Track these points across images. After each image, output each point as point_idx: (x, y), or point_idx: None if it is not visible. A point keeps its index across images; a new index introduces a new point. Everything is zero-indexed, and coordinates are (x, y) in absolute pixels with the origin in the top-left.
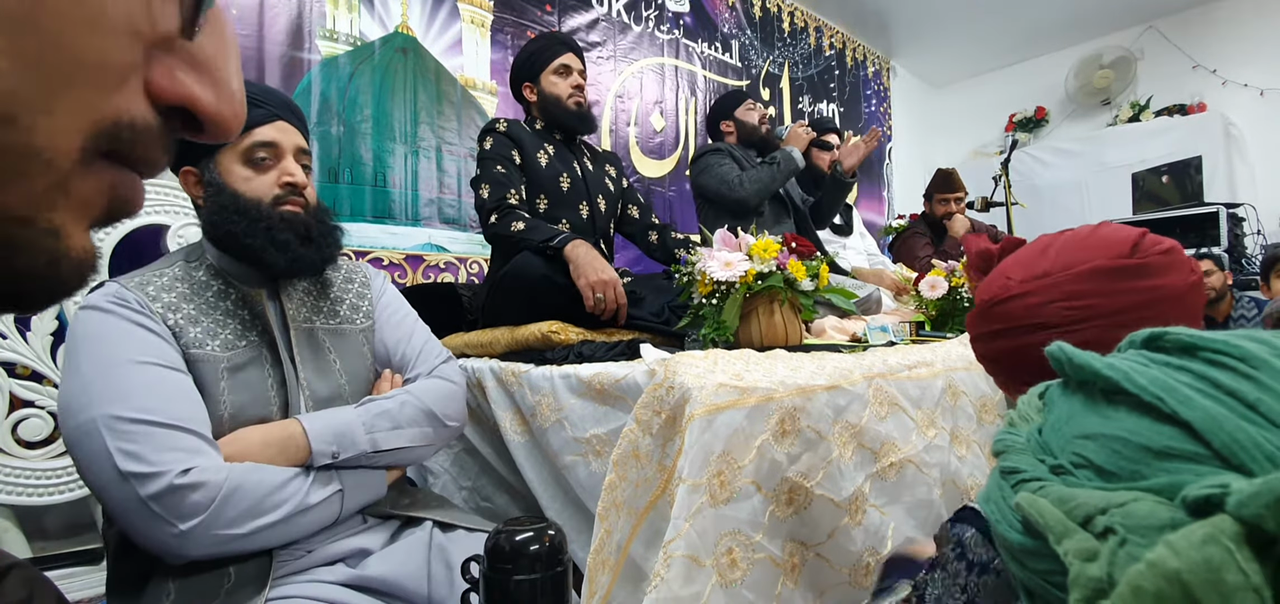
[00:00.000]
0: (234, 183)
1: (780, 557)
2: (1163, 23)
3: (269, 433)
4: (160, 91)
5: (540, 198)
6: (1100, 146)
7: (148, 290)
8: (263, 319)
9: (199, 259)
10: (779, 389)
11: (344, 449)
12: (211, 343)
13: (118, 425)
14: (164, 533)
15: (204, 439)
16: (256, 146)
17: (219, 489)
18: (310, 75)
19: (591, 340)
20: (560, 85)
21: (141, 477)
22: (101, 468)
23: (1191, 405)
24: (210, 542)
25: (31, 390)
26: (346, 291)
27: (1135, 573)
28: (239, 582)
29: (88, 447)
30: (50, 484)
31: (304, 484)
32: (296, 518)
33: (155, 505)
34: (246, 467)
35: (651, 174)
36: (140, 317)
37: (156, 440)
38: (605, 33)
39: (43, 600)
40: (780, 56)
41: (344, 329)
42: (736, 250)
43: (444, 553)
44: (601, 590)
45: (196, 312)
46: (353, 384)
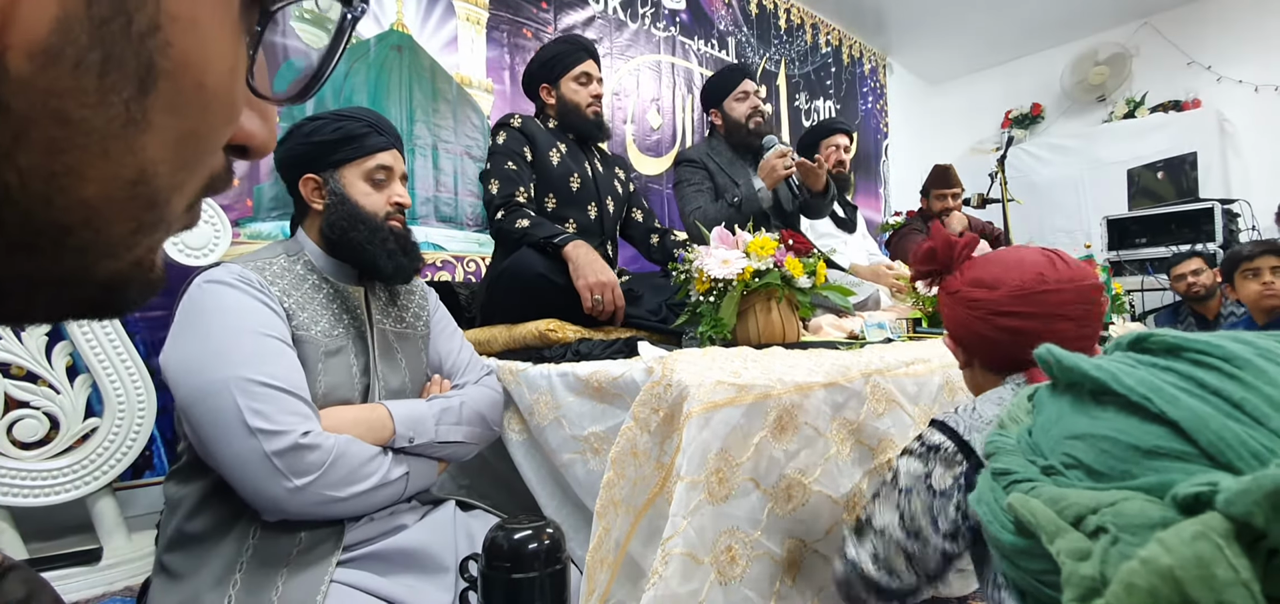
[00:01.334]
0: (356, 196)
1: (779, 554)
2: (1158, 19)
3: (360, 413)
4: (232, 138)
5: (549, 196)
6: (1096, 143)
7: (265, 274)
8: (356, 313)
9: (297, 254)
10: (777, 386)
11: (418, 436)
12: (314, 328)
13: (247, 386)
14: (279, 487)
15: (313, 409)
16: (377, 168)
17: (330, 453)
18: None
19: (589, 338)
20: (581, 93)
21: (269, 434)
22: (228, 423)
23: (1178, 405)
24: (315, 500)
25: (27, 391)
26: (410, 301)
27: (1128, 570)
28: (310, 544)
29: (215, 403)
30: (46, 485)
31: (386, 461)
32: (379, 490)
33: (278, 461)
34: (346, 438)
35: (648, 171)
36: (262, 295)
37: (281, 404)
38: (601, 29)
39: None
40: (777, 53)
41: (408, 333)
42: (734, 248)
43: (467, 528)
44: (600, 588)
45: (303, 297)
46: (413, 382)
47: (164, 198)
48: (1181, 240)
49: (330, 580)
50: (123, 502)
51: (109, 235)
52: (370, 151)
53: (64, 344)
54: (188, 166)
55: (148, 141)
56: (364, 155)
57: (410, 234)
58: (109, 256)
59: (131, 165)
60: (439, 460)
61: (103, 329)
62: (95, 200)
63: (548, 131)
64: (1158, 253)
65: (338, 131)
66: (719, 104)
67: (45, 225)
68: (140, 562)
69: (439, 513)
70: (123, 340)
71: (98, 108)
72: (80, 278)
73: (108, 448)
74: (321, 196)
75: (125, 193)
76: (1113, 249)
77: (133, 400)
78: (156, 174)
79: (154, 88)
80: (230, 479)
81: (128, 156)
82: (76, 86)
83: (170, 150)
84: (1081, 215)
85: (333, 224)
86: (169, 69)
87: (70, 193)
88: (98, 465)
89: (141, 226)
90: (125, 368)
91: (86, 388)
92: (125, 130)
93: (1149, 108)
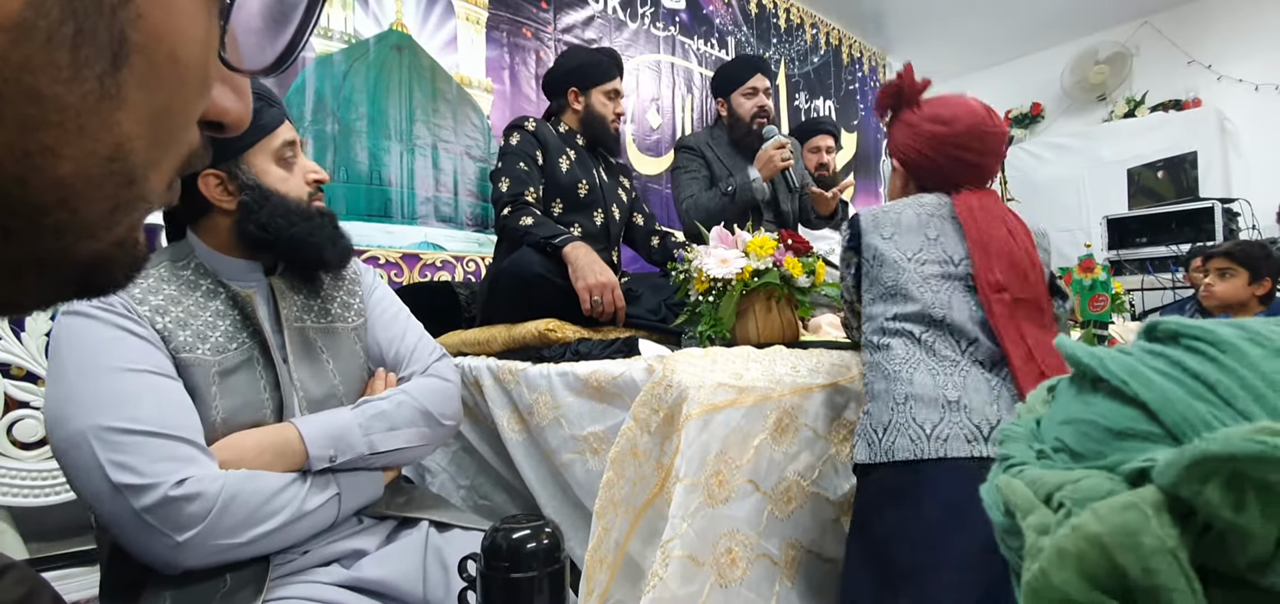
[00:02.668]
0: (272, 182)
1: (778, 556)
2: (1158, 18)
3: (264, 438)
4: (206, 113)
5: (556, 202)
6: (1096, 142)
7: (133, 292)
8: (254, 320)
9: (186, 258)
10: (776, 389)
11: (341, 452)
12: (202, 346)
13: (108, 436)
14: (160, 544)
15: (198, 447)
16: (284, 146)
17: (216, 499)
18: (304, 73)
19: (588, 338)
20: (608, 107)
21: (135, 488)
22: (92, 479)
23: (1151, 387)
24: (208, 552)
25: (26, 391)
26: (336, 289)
27: (1060, 537)
28: (235, 586)
29: (77, 458)
30: (46, 485)
31: (301, 490)
32: (294, 524)
33: (150, 517)
34: (242, 474)
35: (648, 171)
36: (127, 320)
37: (149, 451)
38: (601, 29)
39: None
40: (776, 53)
41: (335, 327)
42: (733, 247)
43: (440, 553)
44: (599, 588)
45: (186, 314)
46: (347, 384)
47: (141, 174)
48: (1182, 239)
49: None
50: None
51: (87, 215)
52: (271, 127)
53: None
54: (163, 142)
55: (123, 117)
56: (266, 133)
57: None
58: (88, 237)
59: (107, 142)
60: (384, 470)
61: None
62: (71, 178)
63: (559, 137)
64: (1158, 252)
65: None
66: (727, 95)
67: (20, 205)
68: None
69: (408, 537)
70: None
71: (71, 83)
72: (60, 260)
73: None
74: (229, 192)
75: (102, 170)
76: (1113, 248)
77: None
78: (133, 150)
79: (127, 62)
80: (114, 539)
81: (103, 133)
82: (49, 61)
83: (145, 126)
84: (1082, 214)
85: (257, 222)
86: (141, 42)
87: (45, 172)
88: None
89: (119, 205)
90: None
91: None
92: (100, 106)
93: (1149, 107)
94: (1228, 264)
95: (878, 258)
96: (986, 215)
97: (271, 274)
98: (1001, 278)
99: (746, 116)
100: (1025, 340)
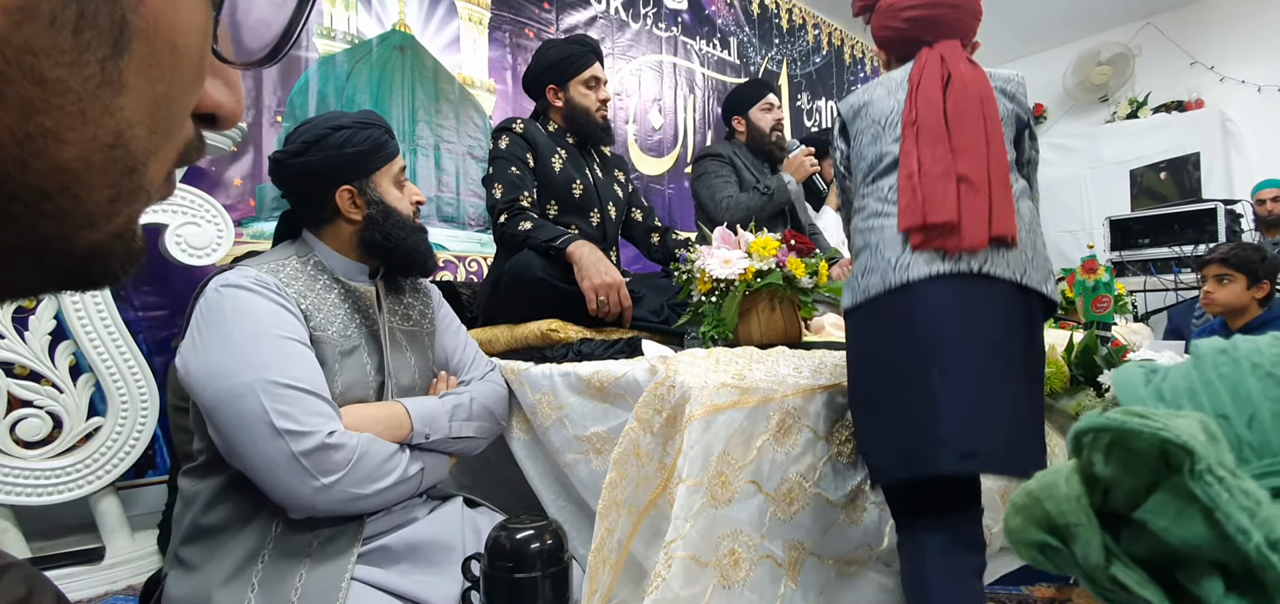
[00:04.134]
0: (392, 201)
1: (782, 557)
2: (1161, 19)
3: (378, 411)
4: (200, 105)
5: (551, 203)
6: (1098, 143)
7: (280, 276)
8: (368, 313)
9: (307, 256)
10: (779, 389)
11: (434, 432)
12: (330, 328)
13: (272, 388)
14: (306, 486)
15: (335, 409)
16: (400, 172)
17: (355, 452)
18: (308, 73)
19: (591, 338)
20: (589, 97)
21: (296, 434)
22: (254, 424)
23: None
24: (341, 498)
25: (30, 390)
26: (417, 300)
27: (1015, 493)
28: (327, 539)
29: (241, 406)
30: (49, 484)
31: (404, 458)
32: (398, 486)
33: (305, 460)
34: (368, 436)
35: (650, 172)
36: (279, 298)
37: (306, 405)
38: (604, 30)
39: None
40: (778, 53)
41: (416, 331)
42: (736, 248)
43: (474, 522)
44: (602, 588)
45: (317, 300)
46: (422, 379)
47: (141, 163)
48: (1184, 241)
49: (350, 578)
50: (125, 501)
51: (88, 202)
52: (392, 156)
53: (67, 343)
54: (162, 130)
55: (124, 104)
56: (389, 161)
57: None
58: (88, 225)
59: (109, 128)
60: (450, 455)
61: (106, 328)
62: (73, 164)
63: (549, 135)
64: (1160, 253)
65: (369, 140)
66: (744, 112)
67: (21, 189)
68: (143, 561)
69: (447, 507)
70: (126, 340)
71: (74, 67)
72: (59, 247)
73: (110, 447)
74: (358, 206)
75: (103, 157)
76: (1115, 249)
77: (135, 400)
78: (134, 138)
79: (129, 48)
80: (258, 480)
81: (105, 118)
82: (52, 44)
83: (145, 113)
84: (1084, 215)
85: (381, 232)
86: (142, 28)
87: (47, 156)
88: (100, 465)
89: (120, 193)
90: (128, 367)
91: (89, 387)
92: (101, 91)
93: (1152, 108)
94: (1223, 270)
95: (858, 135)
96: (933, 58)
97: (375, 278)
98: (918, 113)
99: (766, 128)
100: (916, 158)
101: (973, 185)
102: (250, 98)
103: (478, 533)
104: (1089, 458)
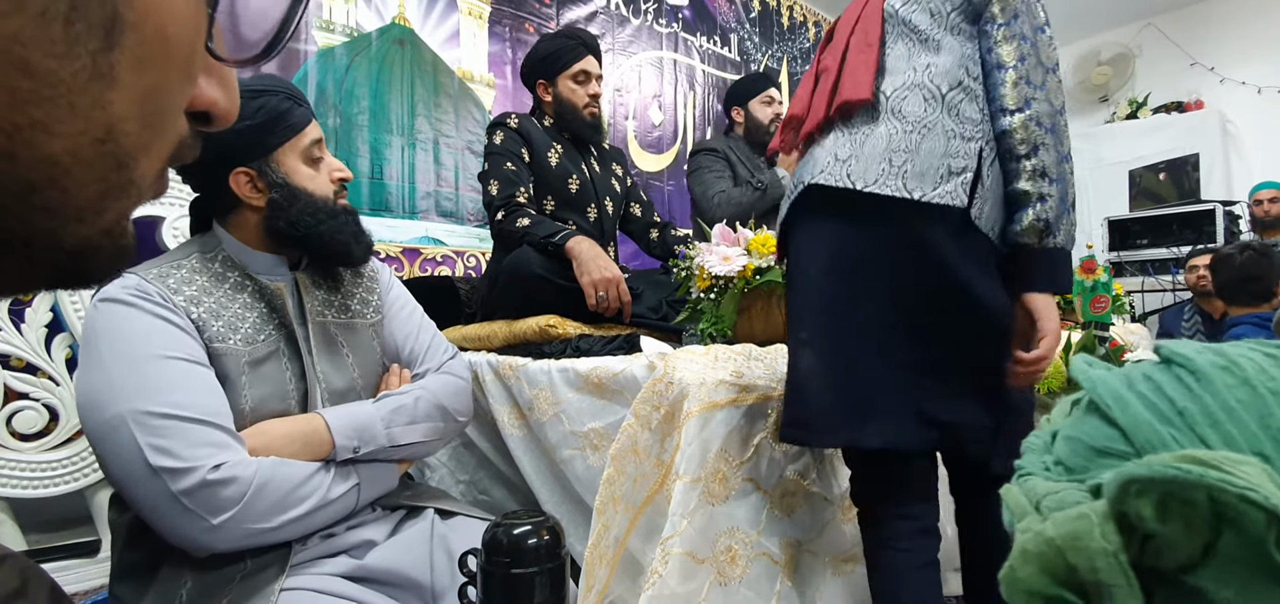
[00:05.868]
0: (301, 181)
1: (779, 555)
2: (1161, 20)
3: (293, 427)
4: (193, 103)
5: (548, 198)
6: (1097, 143)
7: (169, 283)
8: (282, 312)
9: (214, 251)
10: (778, 387)
11: (364, 444)
12: (234, 337)
13: (147, 420)
14: (195, 527)
15: (231, 434)
16: (312, 145)
17: (250, 484)
18: (306, 66)
19: (589, 335)
20: (578, 93)
21: (173, 472)
22: (130, 463)
23: (1128, 411)
24: (240, 535)
25: (26, 383)
26: (356, 286)
27: (1024, 539)
28: (255, 569)
29: (114, 442)
30: (45, 477)
31: (326, 478)
32: (319, 511)
33: (187, 500)
34: (273, 461)
35: (649, 168)
36: (163, 310)
37: (186, 435)
38: (604, 25)
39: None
40: (779, 50)
41: (355, 323)
42: (735, 245)
43: (445, 541)
44: (599, 584)
45: (217, 305)
46: (365, 378)
47: (131, 159)
48: (1183, 241)
49: (280, 590)
50: None
51: (77, 197)
52: (300, 127)
53: (63, 336)
54: (153, 126)
55: (114, 98)
56: (295, 133)
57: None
58: (77, 221)
59: (99, 121)
60: (399, 462)
61: None
62: (62, 157)
63: (544, 130)
64: (1159, 254)
65: (263, 111)
66: (744, 103)
67: (9, 181)
68: None
69: (415, 526)
70: None
71: (64, 58)
72: (47, 243)
73: None
74: (259, 190)
75: (93, 151)
76: (1114, 250)
77: None
78: (124, 132)
79: (120, 41)
80: (147, 521)
81: (95, 111)
82: (42, 35)
83: (136, 107)
84: (1083, 216)
85: (287, 219)
86: (134, 21)
87: (36, 148)
88: None
89: (110, 189)
90: None
91: None
92: (92, 84)
93: (1151, 108)
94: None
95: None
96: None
97: (296, 269)
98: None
99: (765, 121)
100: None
101: (829, 72)
102: None
103: (449, 553)
104: (1130, 508)
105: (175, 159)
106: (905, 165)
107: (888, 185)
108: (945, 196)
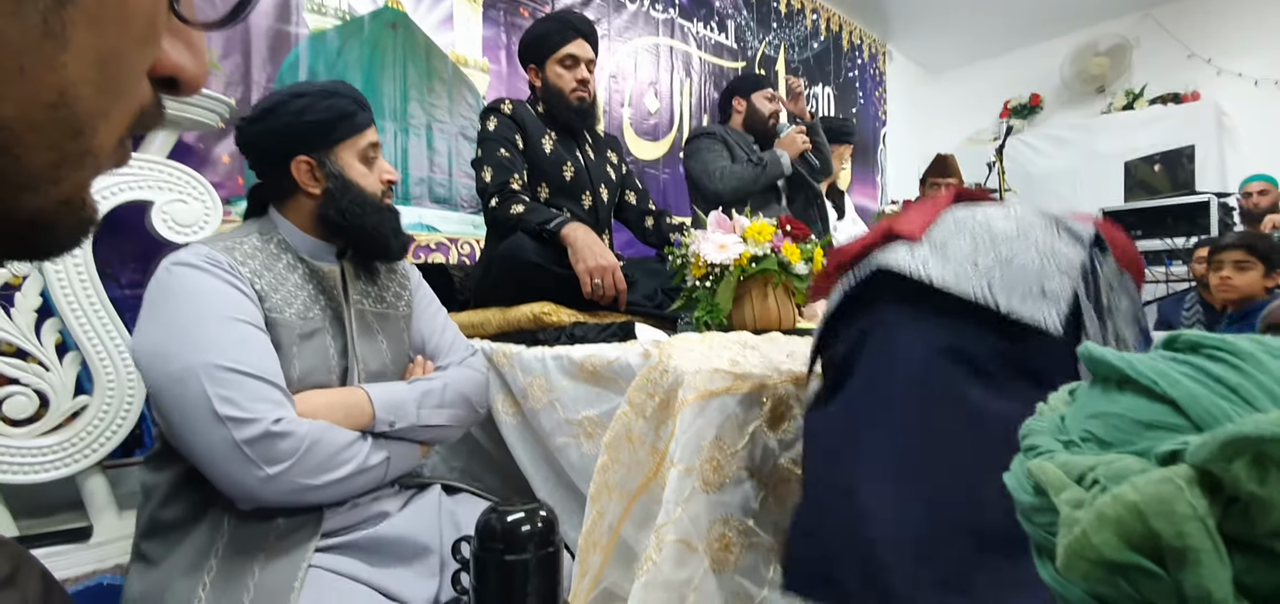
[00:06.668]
0: (355, 176)
1: (773, 543)
2: (1159, 11)
3: (337, 397)
4: (157, 68)
5: (542, 186)
6: (1094, 135)
7: (235, 255)
8: (333, 294)
9: (270, 232)
10: (772, 376)
11: (399, 419)
12: (288, 310)
13: (216, 372)
14: (251, 476)
15: (286, 394)
16: (370, 146)
17: (304, 440)
18: (298, 50)
19: (584, 322)
20: (565, 77)
21: (238, 421)
22: (195, 410)
23: (1179, 386)
24: (289, 489)
25: (15, 368)
26: (391, 281)
27: (1101, 503)
28: (288, 529)
29: (182, 391)
30: (36, 462)
31: (365, 447)
32: (356, 477)
33: (249, 449)
34: (322, 424)
35: (645, 156)
36: (232, 277)
37: (250, 390)
38: (600, 11)
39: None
40: (776, 39)
41: (388, 313)
42: (731, 232)
43: (453, 515)
44: (593, 571)
45: (275, 279)
46: (395, 363)
47: (88, 125)
48: (1177, 233)
49: (308, 566)
50: (113, 480)
51: (29, 164)
52: (361, 129)
53: (53, 321)
54: (111, 91)
55: (67, 60)
56: (356, 133)
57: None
58: (30, 189)
59: (51, 85)
60: (421, 444)
61: (92, 306)
62: (12, 122)
63: (538, 117)
64: (1152, 245)
65: (331, 110)
66: (747, 95)
67: None
68: (131, 540)
69: (423, 499)
70: (112, 318)
71: (12, 17)
72: (1, 213)
73: (98, 426)
74: (317, 179)
75: (45, 116)
76: None
77: (123, 379)
78: (78, 97)
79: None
80: (202, 468)
81: (47, 74)
82: None
83: (92, 70)
84: (1077, 207)
85: (338, 208)
86: None
87: None
88: (88, 443)
89: (65, 157)
90: (115, 346)
91: (76, 365)
92: (43, 44)
93: (1148, 100)
94: (1245, 256)
95: None
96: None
97: (341, 257)
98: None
99: (765, 114)
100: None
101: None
102: (239, 73)
103: (456, 524)
104: (1223, 470)
105: (138, 127)
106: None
107: None
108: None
